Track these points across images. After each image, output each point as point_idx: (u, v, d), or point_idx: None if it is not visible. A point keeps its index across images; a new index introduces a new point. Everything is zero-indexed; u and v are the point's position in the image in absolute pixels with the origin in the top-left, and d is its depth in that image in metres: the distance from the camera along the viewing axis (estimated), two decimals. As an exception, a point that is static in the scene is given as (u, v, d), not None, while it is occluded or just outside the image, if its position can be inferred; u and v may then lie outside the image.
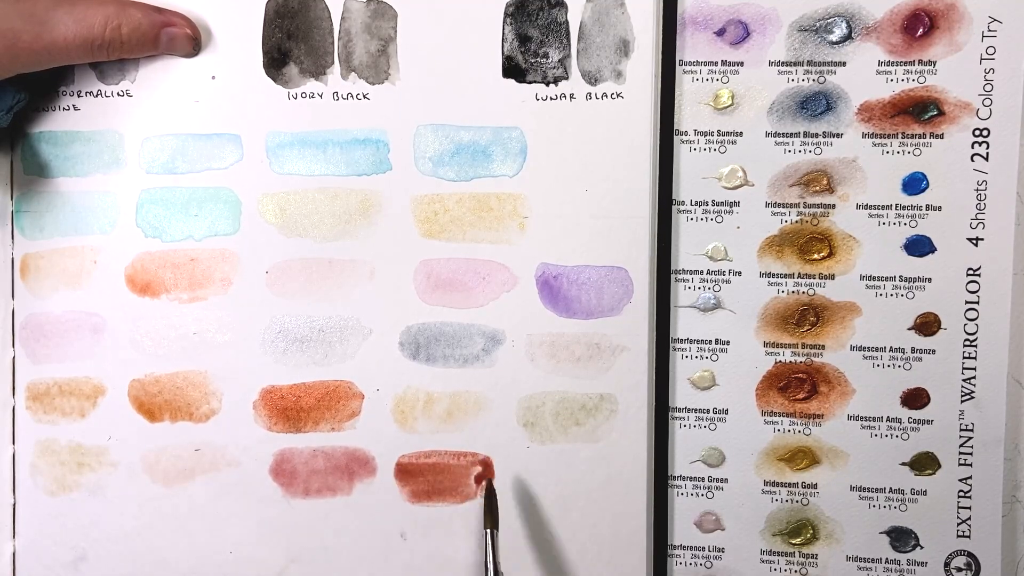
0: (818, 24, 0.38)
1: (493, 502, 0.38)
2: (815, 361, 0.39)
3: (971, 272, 0.38)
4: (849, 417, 0.39)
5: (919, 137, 0.38)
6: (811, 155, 0.38)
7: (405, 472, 0.40)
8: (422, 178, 0.39)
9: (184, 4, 0.38)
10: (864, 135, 0.38)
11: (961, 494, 0.39)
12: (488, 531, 0.37)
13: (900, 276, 0.38)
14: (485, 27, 0.38)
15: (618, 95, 0.38)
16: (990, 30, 0.37)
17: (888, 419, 0.39)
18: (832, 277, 0.39)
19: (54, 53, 0.35)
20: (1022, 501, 0.39)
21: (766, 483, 0.40)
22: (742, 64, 0.38)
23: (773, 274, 0.39)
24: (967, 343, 0.38)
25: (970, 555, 0.39)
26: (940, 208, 0.38)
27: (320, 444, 0.40)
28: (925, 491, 0.39)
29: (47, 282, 0.40)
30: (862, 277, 0.39)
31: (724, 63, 0.38)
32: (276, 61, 0.39)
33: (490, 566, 0.35)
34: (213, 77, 0.39)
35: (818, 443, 0.39)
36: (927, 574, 0.39)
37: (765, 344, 0.39)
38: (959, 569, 0.39)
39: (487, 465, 0.40)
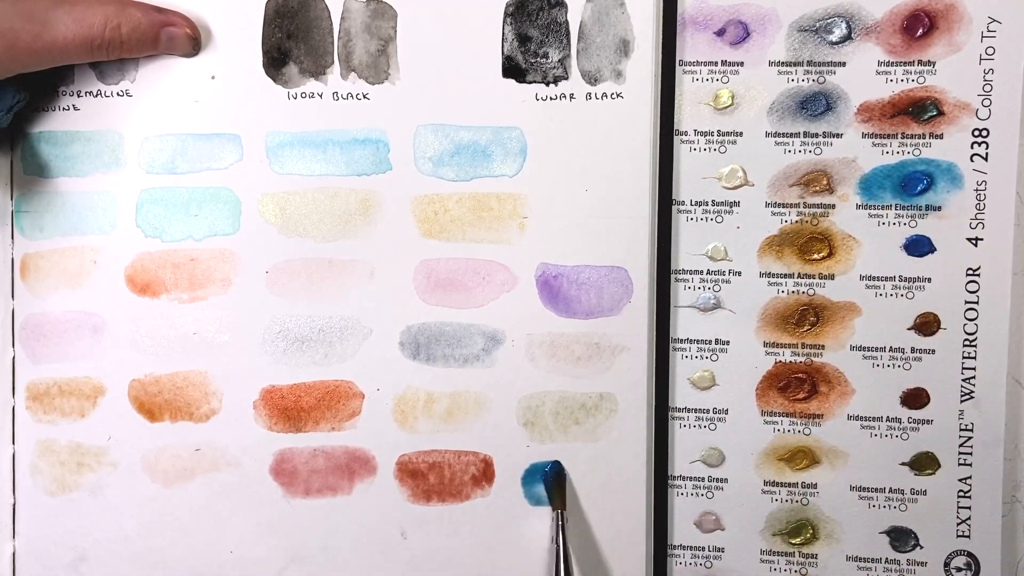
0: (818, 24, 0.38)
1: (562, 482, 0.38)
2: (815, 361, 0.39)
3: (971, 272, 0.38)
4: (849, 417, 0.39)
5: (918, 137, 0.38)
6: (811, 155, 0.38)
7: (405, 472, 0.40)
8: (422, 178, 0.39)
9: (184, 4, 0.38)
10: (864, 135, 0.38)
11: (961, 494, 0.39)
12: (558, 512, 0.38)
13: (900, 276, 0.38)
14: (485, 27, 0.38)
15: (618, 95, 0.38)
16: (989, 30, 0.37)
17: (888, 419, 0.39)
18: (832, 277, 0.39)
19: (54, 53, 0.35)
20: (1022, 501, 0.39)
21: (766, 483, 0.40)
22: (742, 64, 0.38)
23: (773, 274, 0.39)
24: (967, 343, 0.38)
25: (970, 555, 0.39)
26: (939, 208, 0.38)
27: (320, 444, 0.40)
28: (925, 491, 0.39)
29: (47, 282, 0.40)
30: (862, 277, 0.39)
31: (724, 63, 0.38)
32: (276, 61, 0.39)
33: (559, 547, 0.37)
34: (213, 77, 0.39)
35: (818, 443, 0.39)
36: (927, 574, 0.39)
37: (765, 344, 0.39)
38: (959, 569, 0.39)
39: (487, 464, 0.40)
